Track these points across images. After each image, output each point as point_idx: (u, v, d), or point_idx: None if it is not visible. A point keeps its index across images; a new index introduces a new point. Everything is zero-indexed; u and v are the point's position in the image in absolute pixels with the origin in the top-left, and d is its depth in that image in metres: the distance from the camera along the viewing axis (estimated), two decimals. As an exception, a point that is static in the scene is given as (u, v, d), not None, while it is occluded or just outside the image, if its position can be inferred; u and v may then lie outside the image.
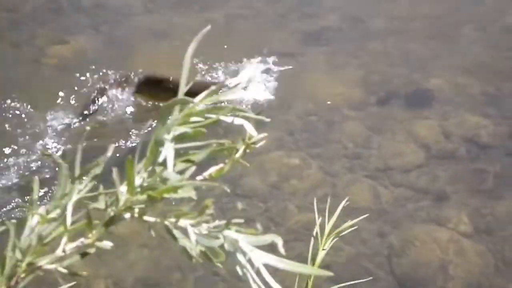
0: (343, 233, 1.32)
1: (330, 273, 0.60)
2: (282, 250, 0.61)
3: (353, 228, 1.33)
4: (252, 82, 0.75)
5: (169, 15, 4.97)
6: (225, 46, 4.49)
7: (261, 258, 0.62)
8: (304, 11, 5.05)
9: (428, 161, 3.78)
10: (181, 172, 0.71)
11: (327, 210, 1.50)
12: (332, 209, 1.50)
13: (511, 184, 3.59)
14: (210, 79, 4.24)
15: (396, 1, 5.08)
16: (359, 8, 5.06)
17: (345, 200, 1.38)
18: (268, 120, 0.67)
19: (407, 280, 3.17)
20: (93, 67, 4.31)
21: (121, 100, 4.00)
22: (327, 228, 1.31)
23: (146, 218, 0.72)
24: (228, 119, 0.68)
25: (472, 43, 4.64)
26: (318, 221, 1.31)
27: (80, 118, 3.93)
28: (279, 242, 0.62)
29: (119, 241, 3.11)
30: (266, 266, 0.64)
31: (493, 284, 3.10)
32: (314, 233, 1.35)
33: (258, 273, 0.65)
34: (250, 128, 0.69)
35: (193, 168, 0.72)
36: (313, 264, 1.23)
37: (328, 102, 4.17)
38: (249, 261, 0.63)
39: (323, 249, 1.25)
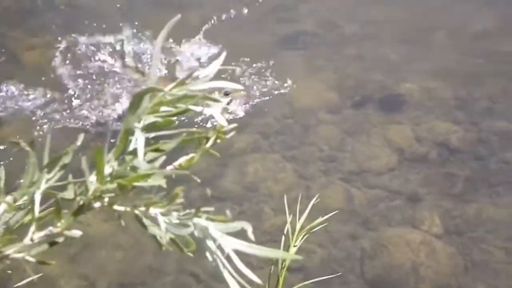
0: (313, 230, 1.34)
1: (299, 257, 0.61)
2: (251, 236, 0.62)
3: (323, 225, 1.35)
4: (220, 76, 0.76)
5: (144, 16, 4.93)
6: (200, 47, 4.49)
7: (231, 244, 0.63)
8: (281, 15, 5.08)
9: (401, 164, 3.84)
10: (152, 162, 0.71)
11: (299, 210, 1.52)
12: (306, 211, 1.51)
13: (480, 188, 3.68)
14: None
15: (370, 6, 5.15)
16: (335, 13, 5.12)
17: (315, 198, 1.40)
18: (235, 108, 0.68)
19: (379, 282, 3.21)
20: (68, 67, 4.26)
21: None
22: (298, 225, 1.33)
23: (116, 207, 0.72)
24: (198, 108, 0.69)
25: (444, 49, 4.73)
26: (289, 219, 1.32)
27: None
28: (249, 228, 0.63)
29: (93, 242, 3.07)
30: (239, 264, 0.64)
31: (462, 284, 3.16)
32: (285, 232, 1.36)
33: (231, 267, 0.65)
34: (220, 118, 0.70)
35: (164, 157, 0.72)
36: (284, 260, 1.24)
37: (304, 106, 4.21)
38: (219, 247, 0.63)
39: (294, 246, 1.27)
